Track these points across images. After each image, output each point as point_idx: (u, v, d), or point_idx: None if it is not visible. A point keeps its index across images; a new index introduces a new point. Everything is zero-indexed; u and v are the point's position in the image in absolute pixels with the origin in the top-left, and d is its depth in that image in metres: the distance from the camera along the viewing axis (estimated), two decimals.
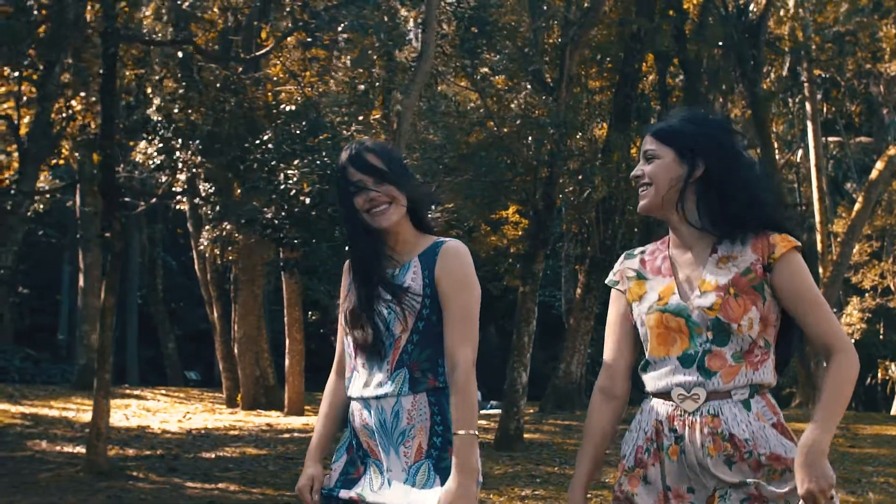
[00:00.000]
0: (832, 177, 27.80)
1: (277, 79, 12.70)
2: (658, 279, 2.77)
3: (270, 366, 19.77)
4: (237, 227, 11.40)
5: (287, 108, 11.08)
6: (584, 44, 14.59)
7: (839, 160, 28.51)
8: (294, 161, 9.94)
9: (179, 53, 11.12)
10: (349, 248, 3.04)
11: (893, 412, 23.76)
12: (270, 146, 10.24)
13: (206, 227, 18.52)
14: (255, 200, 10.75)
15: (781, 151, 25.27)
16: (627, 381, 2.85)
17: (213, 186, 13.64)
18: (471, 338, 2.84)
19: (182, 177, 12.77)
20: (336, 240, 10.18)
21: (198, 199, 13.70)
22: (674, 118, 2.81)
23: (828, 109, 25.47)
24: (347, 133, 10.87)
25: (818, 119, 23.32)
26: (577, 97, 15.15)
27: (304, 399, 18.53)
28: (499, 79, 15.19)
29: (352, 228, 2.95)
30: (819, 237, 22.03)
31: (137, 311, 29.94)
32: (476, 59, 13.08)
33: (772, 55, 21.98)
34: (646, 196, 2.76)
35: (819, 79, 23.21)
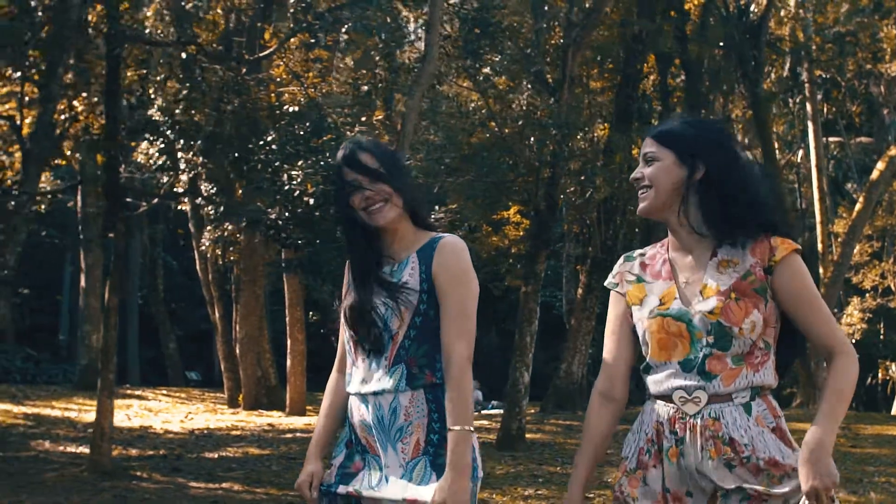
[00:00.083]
0: (833, 177, 27.82)
1: (280, 80, 12.72)
2: (658, 283, 2.77)
3: (272, 366, 19.80)
4: (241, 228, 11.40)
5: (290, 109, 11.11)
6: (586, 45, 14.61)
7: (840, 160, 28.54)
8: (298, 162, 9.96)
9: (183, 55, 11.12)
10: (346, 247, 3.05)
11: (894, 412, 23.78)
12: (274, 147, 10.27)
13: (208, 228, 18.56)
14: (259, 201, 10.78)
15: (782, 152, 25.29)
16: (626, 383, 2.86)
17: (215, 187, 13.67)
18: (467, 333, 2.84)
19: (184, 177, 12.79)
20: (339, 240, 10.20)
21: (200, 200, 13.71)
22: (673, 121, 2.83)
23: (828, 110, 25.49)
24: (351, 134, 10.90)
25: (819, 119, 23.34)
26: (579, 98, 15.18)
27: (306, 399, 18.57)
28: (500, 79, 15.22)
29: (348, 227, 2.97)
30: (820, 237, 22.05)
31: (138, 312, 29.95)
32: (479, 61, 13.10)
33: (772, 55, 22.01)
34: (646, 198, 2.77)
35: (820, 79, 23.23)
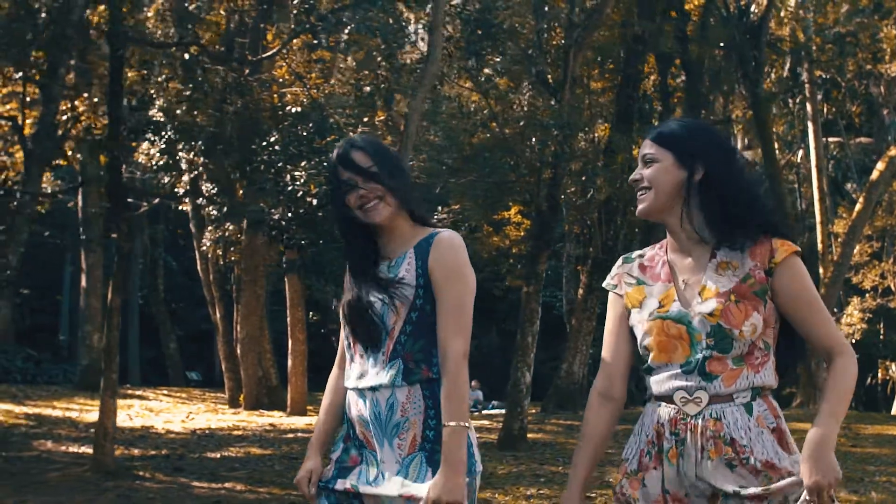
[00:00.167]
0: (833, 177, 27.84)
1: (283, 80, 12.74)
2: (658, 285, 2.77)
3: (273, 366, 19.83)
4: (242, 228, 11.41)
5: (293, 110, 11.12)
6: (588, 45, 14.64)
7: (840, 161, 28.55)
8: (301, 163, 9.98)
9: (186, 56, 11.14)
10: (343, 245, 3.07)
11: (894, 412, 23.81)
12: (277, 148, 10.28)
13: (209, 228, 18.59)
14: (262, 202, 10.80)
15: (782, 152, 25.30)
16: (625, 383, 2.86)
17: (216, 187, 13.69)
18: (463, 329, 2.83)
19: (185, 178, 12.81)
20: (342, 241, 10.19)
21: (201, 200, 13.74)
22: (671, 123, 2.83)
23: (828, 110, 25.51)
24: (353, 135, 10.91)
25: (819, 120, 23.37)
26: (580, 98, 15.21)
27: (307, 399, 18.60)
28: (502, 80, 15.25)
29: (344, 225, 2.98)
30: (819, 238, 22.08)
31: (139, 312, 29.98)
32: (481, 62, 13.13)
33: (773, 56, 22.03)
34: (645, 200, 2.77)
35: (820, 79, 23.24)
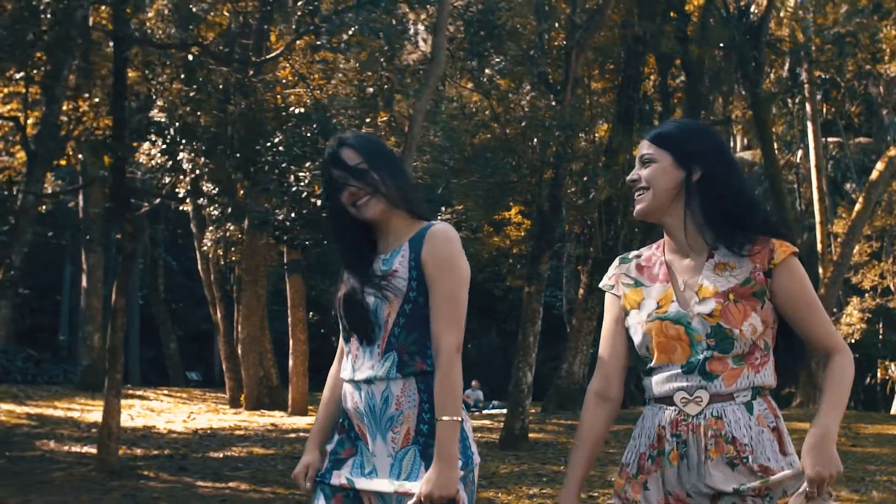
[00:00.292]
0: (832, 177, 27.86)
1: (286, 81, 12.77)
2: (656, 286, 2.77)
3: (274, 366, 19.86)
4: (249, 228, 11.42)
5: (296, 111, 11.15)
6: (589, 46, 14.67)
7: (839, 161, 28.58)
8: (305, 163, 10.01)
9: (189, 57, 11.17)
10: (335, 241, 3.07)
11: (894, 411, 23.85)
12: (281, 149, 10.31)
13: (210, 229, 18.62)
14: (266, 202, 10.82)
15: (781, 152, 25.33)
16: (622, 384, 2.86)
17: (217, 188, 13.72)
18: (456, 323, 2.83)
19: (186, 178, 12.82)
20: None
21: (203, 200, 13.77)
22: (670, 124, 2.84)
23: (828, 110, 25.56)
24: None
25: (818, 120, 23.40)
26: (581, 99, 15.25)
27: (308, 399, 18.62)
28: (503, 81, 15.28)
29: (336, 222, 2.99)
30: (819, 238, 22.12)
31: (139, 312, 30.00)
32: (483, 62, 13.16)
33: (772, 56, 22.06)
34: (643, 200, 2.76)
35: (819, 80, 23.27)
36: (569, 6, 14.66)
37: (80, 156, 17.37)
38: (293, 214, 10.24)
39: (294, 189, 10.05)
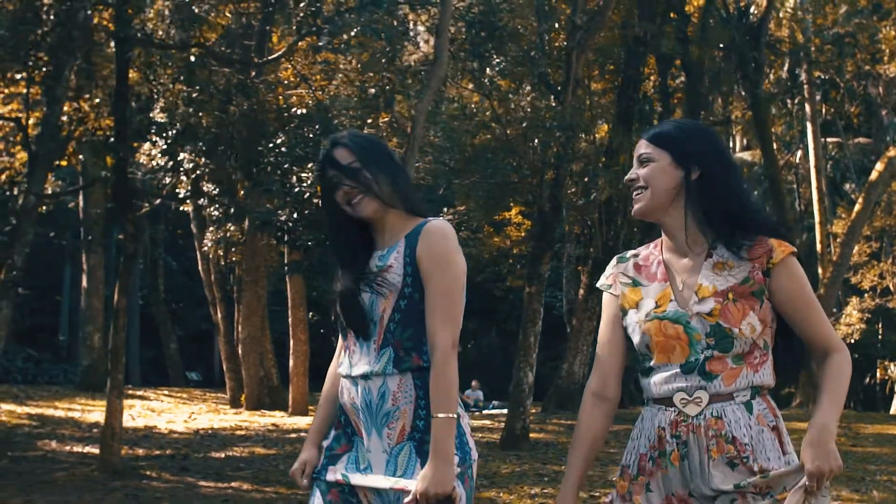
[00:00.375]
0: (831, 178, 27.89)
1: (288, 82, 12.79)
2: (654, 285, 2.76)
3: (274, 366, 19.89)
4: (250, 229, 11.43)
5: (298, 112, 11.17)
6: (590, 47, 14.71)
7: (838, 161, 28.61)
8: (307, 164, 10.04)
9: (191, 58, 11.18)
10: (330, 240, 3.08)
11: (893, 411, 23.89)
12: (284, 149, 10.34)
13: (210, 229, 18.65)
14: (269, 203, 10.84)
15: (781, 152, 25.36)
16: (619, 383, 2.85)
17: (218, 188, 13.73)
18: (451, 319, 2.82)
19: (185, 178, 12.83)
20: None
21: (203, 201, 13.78)
22: (667, 123, 2.84)
23: (827, 111, 25.59)
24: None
25: (818, 120, 23.44)
26: (581, 99, 15.27)
27: (308, 399, 18.64)
28: (504, 81, 15.31)
29: (331, 221, 3.00)
30: (818, 238, 22.15)
31: (139, 312, 30.02)
32: (484, 63, 13.19)
33: (772, 57, 22.10)
34: (641, 199, 2.76)
35: (818, 80, 23.30)
36: (569, 7, 14.69)
37: (81, 156, 17.39)
38: (295, 215, 10.28)
39: (296, 190, 10.08)
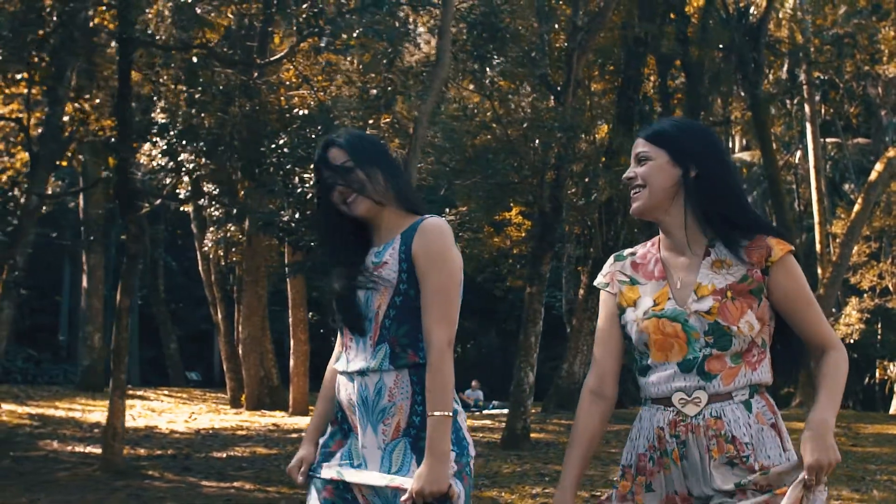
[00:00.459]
0: (831, 178, 27.93)
1: (290, 83, 12.81)
2: (651, 284, 2.76)
3: (274, 366, 19.91)
4: (251, 229, 11.45)
5: (300, 113, 11.20)
6: (591, 48, 14.74)
7: (837, 161, 28.65)
8: (309, 165, 10.06)
9: (194, 59, 11.21)
10: (326, 239, 3.08)
11: (892, 411, 23.91)
12: (286, 150, 10.36)
13: (211, 229, 18.68)
14: (271, 203, 10.85)
15: (780, 153, 25.41)
16: (616, 382, 2.85)
17: (219, 189, 13.75)
18: (447, 317, 2.81)
19: (186, 178, 12.85)
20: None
21: (204, 201, 13.81)
22: (665, 122, 2.83)
23: (826, 111, 25.64)
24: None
25: (817, 120, 23.46)
26: (581, 100, 15.30)
27: (309, 399, 18.65)
28: (505, 82, 15.34)
29: (326, 220, 3.01)
30: (818, 238, 22.18)
31: (139, 312, 30.04)
32: (485, 64, 13.22)
33: (771, 57, 22.13)
34: (639, 198, 2.75)
35: (818, 81, 23.35)
36: (570, 8, 14.72)
37: (82, 157, 17.42)
38: (297, 215, 10.30)
39: (299, 190, 10.11)
